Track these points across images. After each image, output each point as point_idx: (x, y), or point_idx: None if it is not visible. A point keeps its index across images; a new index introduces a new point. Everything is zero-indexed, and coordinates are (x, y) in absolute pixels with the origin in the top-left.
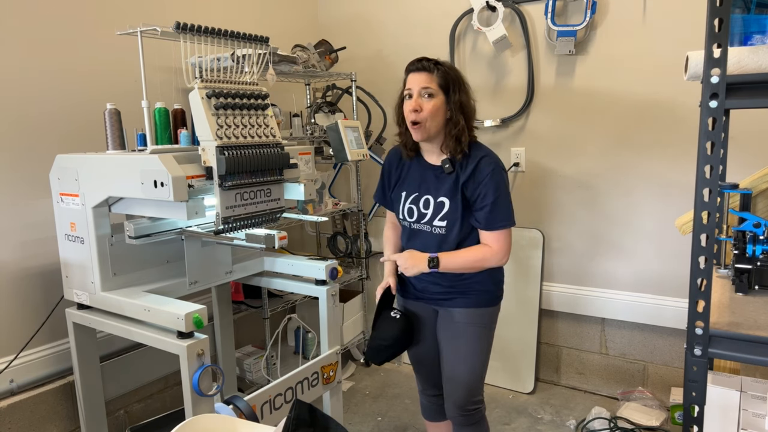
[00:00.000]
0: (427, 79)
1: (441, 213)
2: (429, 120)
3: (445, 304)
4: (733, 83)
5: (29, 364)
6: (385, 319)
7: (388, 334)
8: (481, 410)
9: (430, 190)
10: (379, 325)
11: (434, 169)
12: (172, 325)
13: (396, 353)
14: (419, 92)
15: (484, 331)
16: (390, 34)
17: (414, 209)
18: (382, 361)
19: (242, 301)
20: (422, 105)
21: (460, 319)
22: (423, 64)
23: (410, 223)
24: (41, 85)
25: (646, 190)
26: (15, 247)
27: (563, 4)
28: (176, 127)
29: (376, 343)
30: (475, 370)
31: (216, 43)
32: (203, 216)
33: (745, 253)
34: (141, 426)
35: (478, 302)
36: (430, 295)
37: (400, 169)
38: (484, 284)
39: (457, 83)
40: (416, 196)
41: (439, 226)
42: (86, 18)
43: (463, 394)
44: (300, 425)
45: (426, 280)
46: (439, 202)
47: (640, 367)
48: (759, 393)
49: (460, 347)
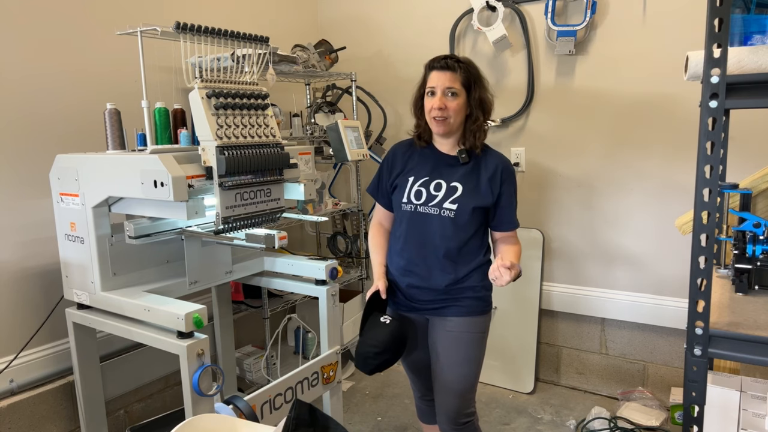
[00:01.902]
0: (452, 78)
1: (453, 196)
2: (454, 117)
3: (438, 312)
4: (733, 83)
5: (29, 364)
6: (374, 323)
7: (378, 339)
8: (473, 422)
9: (443, 175)
10: (367, 330)
11: (448, 159)
12: (172, 325)
13: (388, 361)
14: (443, 91)
15: (478, 339)
16: (390, 34)
17: (423, 191)
18: (372, 369)
19: (242, 301)
20: (447, 104)
21: (453, 327)
22: (448, 63)
23: (416, 206)
24: (41, 85)
25: (646, 190)
26: (15, 247)
27: (563, 4)
28: (176, 127)
29: (365, 350)
30: (469, 379)
31: (216, 43)
32: (203, 216)
33: (745, 253)
34: (141, 426)
35: (471, 310)
36: (420, 304)
37: (406, 158)
38: (476, 290)
39: (477, 80)
40: (426, 180)
41: (449, 208)
42: (86, 18)
43: (455, 405)
44: (300, 425)
45: (414, 286)
46: (452, 186)
47: (640, 367)
48: (759, 393)
49: (453, 356)
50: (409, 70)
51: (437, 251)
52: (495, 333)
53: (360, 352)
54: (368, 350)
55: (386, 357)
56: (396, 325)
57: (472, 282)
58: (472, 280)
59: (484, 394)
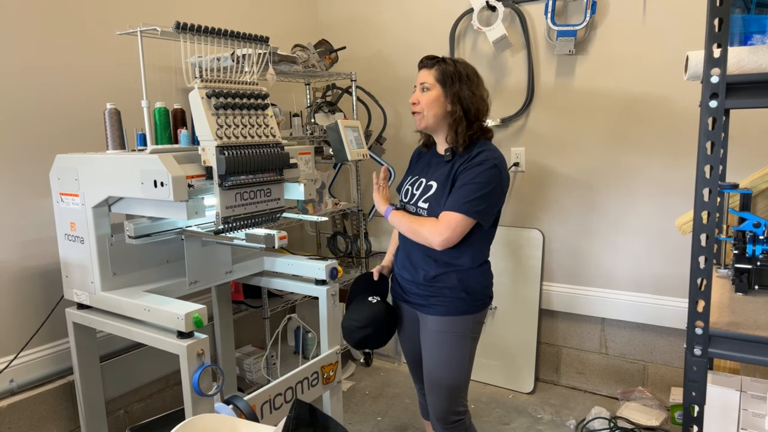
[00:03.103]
0: (426, 74)
1: (426, 195)
2: (426, 110)
3: (422, 309)
4: (733, 83)
5: (29, 364)
6: (360, 301)
7: (361, 315)
8: (464, 422)
9: (427, 174)
10: (352, 307)
11: (438, 157)
12: (172, 325)
13: (370, 337)
14: (420, 87)
15: (459, 340)
16: (390, 33)
17: (410, 190)
18: (356, 342)
19: (242, 300)
20: (419, 98)
21: (432, 327)
22: (424, 61)
23: (404, 204)
24: (41, 85)
25: (645, 189)
26: (15, 247)
27: (563, 4)
28: (176, 127)
29: (347, 323)
30: (453, 380)
31: (216, 42)
32: (203, 216)
33: (745, 253)
34: (141, 426)
35: (449, 310)
36: (412, 297)
37: (416, 160)
38: (454, 291)
39: (456, 77)
40: (415, 179)
41: (422, 207)
42: (86, 18)
43: (441, 405)
44: (300, 425)
45: (406, 279)
46: (428, 185)
47: (640, 366)
48: (759, 393)
49: (436, 356)
50: (409, 70)
51: (419, 247)
52: (495, 333)
53: (344, 325)
54: (351, 324)
55: (368, 332)
56: (382, 305)
57: (452, 282)
58: (452, 280)
59: (484, 394)
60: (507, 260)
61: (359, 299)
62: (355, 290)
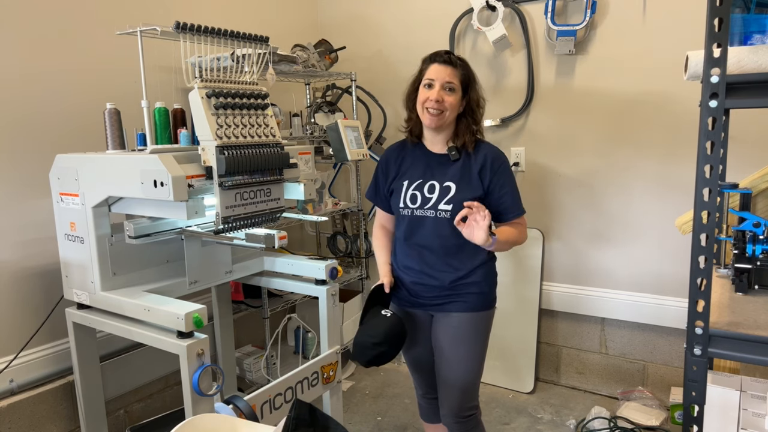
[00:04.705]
0: (452, 73)
1: (447, 197)
2: (449, 112)
3: (442, 308)
4: (733, 83)
5: (29, 364)
6: (375, 315)
7: (377, 330)
8: (476, 416)
9: (435, 176)
10: (367, 321)
11: (439, 157)
12: (172, 325)
13: (385, 354)
14: (442, 85)
15: (482, 335)
16: (390, 33)
17: (418, 195)
18: (368, 360)
19: (242, 300)
20: (444, 97)
21: (458, 322)
22: (450, 58)
23: (412, 210)
24: (41, 85)
25: (645, 189)
26: (15, 247)
27: (563, 4)
28: (176, 127)
29: (363, 339)
30: (472, 374)
31: (216, 42)
32: (203, 216)
33: (745, 253)
34: (141, 426)
35: (476, 305)
36: (424, 300)
37: (399, 162)
38: (480, 286)
39: (473, 80)
40: (420, 183)
41: (445, 209)
42: (86, 18)
43: (458, 399)
44: (300, 425)
45: (426, 286)
46: (445, 186)
47: (639, 366)
48: (759, 393)
49: (457, 351)
50: (409, 70)
51: (438, 252)
52: (495, 333)
53: (358, 341)
54: (366, 340)
55: (383, 349)
56: (396, 319)
57: (476, 278)
58: (476, 276)
59: (484, 393)
60: (507, 260)
61: (372, 313)
62: (370, 304)
